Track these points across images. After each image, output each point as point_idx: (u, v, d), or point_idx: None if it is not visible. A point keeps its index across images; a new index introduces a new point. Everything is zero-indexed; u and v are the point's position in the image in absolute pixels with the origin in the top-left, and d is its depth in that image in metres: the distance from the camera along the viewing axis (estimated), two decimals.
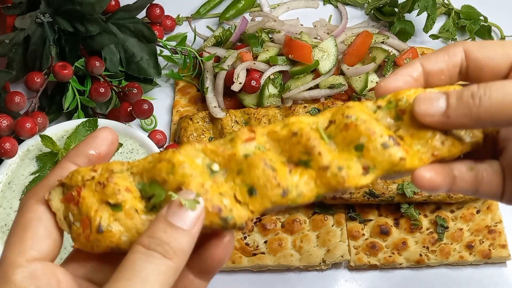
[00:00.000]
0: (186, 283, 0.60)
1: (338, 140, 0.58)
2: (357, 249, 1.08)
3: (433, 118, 0.57)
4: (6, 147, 1.04)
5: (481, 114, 0.55)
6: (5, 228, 1.03)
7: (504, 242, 1.06)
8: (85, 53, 1.17)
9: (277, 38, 1.23)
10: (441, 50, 0.63)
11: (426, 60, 0.61)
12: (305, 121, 0.58)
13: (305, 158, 0.57)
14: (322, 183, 0.57)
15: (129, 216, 0.56)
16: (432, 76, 0.61)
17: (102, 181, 0.56)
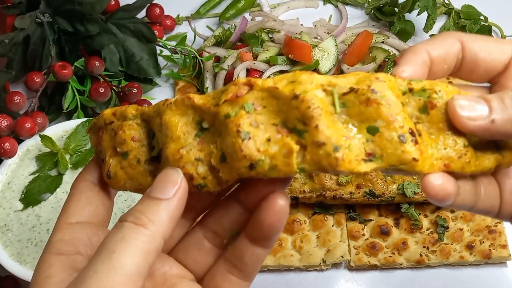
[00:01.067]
0: (242, 248, 0.58)
1: (352, 112, 0.51)
2: (357, 249, 1.07)
3: (476, 122, 0.52)
4: (5, 147, 1.04)
5: None
6: (4, 228, 1.03)
7: (505, 242, 1.06)
8: (85, 53, 1.17)
9: (277, 38, 1.23)
10: (438, 38, 0.59)
11: (430, 46, 0.58)
12: (318, 81, 0.51)
13: (300, 127, 0.50)
14: (311, 160, 0.50)
15: (132, 166, 0.57)
16: (436, 65, 0.58)
17: (114, 129, 0.57)
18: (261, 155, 0.50)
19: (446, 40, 0.59)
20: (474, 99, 0.53)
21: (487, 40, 0.59)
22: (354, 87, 0.51)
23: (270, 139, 0.51)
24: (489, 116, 0.52)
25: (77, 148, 1.09)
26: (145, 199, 0.52)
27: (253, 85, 0.51)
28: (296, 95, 0.50)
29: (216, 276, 0.60)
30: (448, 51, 0.58)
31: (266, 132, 0.51)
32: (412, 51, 0.58)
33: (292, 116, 0.50)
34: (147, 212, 0.51)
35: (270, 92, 0.51)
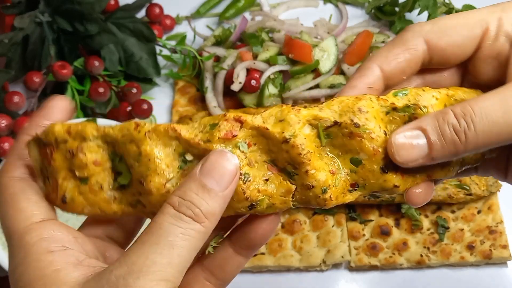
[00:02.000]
0: (225, 257, 0.57)
1: (336, 143, 0.53)
2: (357, 249, 1.07)
3: (417, 162, 0.51)
4: (5, 147, 1.04)
5: (469, 148, 0.50)
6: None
7: (505, 243, 1.06)
8: (84, 53, 1.17)
9: (277, 38, 1.23)
10: (397, 43, 0.56)
11: (385, 60, 0.55)
12: (305, 118, 0.52)
13: (290, 169, 0.52)
14: (301, 199, 0.52)
15: (93, 192, 0.53)
16: (392, 79, 0.56)
17: (72, 150, 0.53)
18: (261, 196, 0.52)
19: (406, 46, 0.56)
20: (411, 135, 0.51)
21: (455, 28, 0.56)
22: (338, 121, 0.52)
23: (267, 179, 0.52)
24: (428, 155, 0.51)
25: None
26: (199, 189, 0.49)
27: (243, 122, 0.51)
28: (286, 139, 0.51)
29: (192, 284, 0.58)
30: (408, 60, 0.56)
31: (260, 171, 0.52)
32: (360, 72, 0.56)
33: (282, 157, 0.52)
34: (203, 206, 0.49)
35: (260, 131, 0.51)
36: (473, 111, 0.50)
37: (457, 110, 0.50)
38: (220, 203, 0.50)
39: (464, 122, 0.50)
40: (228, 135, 0.51)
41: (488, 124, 0.49)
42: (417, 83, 0.60)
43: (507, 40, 0.55)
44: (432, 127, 0.51)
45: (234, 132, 0.51)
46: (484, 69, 0.57)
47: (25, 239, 0.52)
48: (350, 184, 0.53)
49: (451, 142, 0.50)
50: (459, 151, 0.51)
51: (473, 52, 0.57)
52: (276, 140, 0.51)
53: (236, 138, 0.51)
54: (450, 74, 0.60)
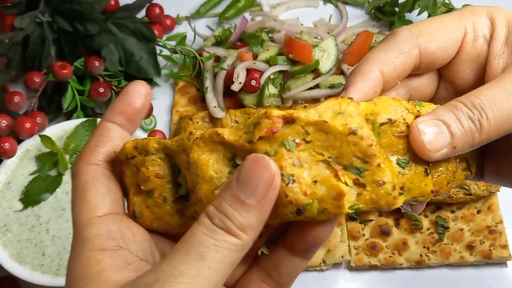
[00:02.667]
0: (280, 258, 0.55)
1: (384, 142, 0.49)
2: (357, 249, 1.07)
3: (441, 152, 0.51)
4: (5, 147, 1.04)
5: (483, 138, 0.51)
6: (4, 229, 1.03)
7: (505, 243, 1.06)
8: (85, 53, 1.17)
9: (277, 38, 1.23)
10: (391, 47, 0.56)
11: (383, 64, 0.55)
12: (363, 111, 0.48)
13: (358, 164, 0.47)
14: (370, 199, 0.48)
15: (158, 205, 0.53)
16: (390, 83, 0.56)
17: (137, 164, 0.53)
18: (308, 199, 0.47)
19: (403, 49, 0.56)
20: (433, 122, 0.51)
21: (439, 30, 0.57)
22: (392, 118, 0.49)
23: (316, 180, 0.47)
24: (451, 144, 0.51)
25: (77, 148, 1.09)
26: (233, 200, 0.47)
27: (295, 119, 0.47)
28: (353, 131, 0.47)
29: (248, 285, 0.56)
30: (404, 64, 0.56)
31: (311, 171, 0.47)
32: (361, 75, 0.55)
33: (348, 152, 0.47)
34: (236, 219, 0.47)
35: (318, 126, 0.47)
36: (481, 101, 0.51)
37: (465, 101, 0.51)
38: (257, 215, 0.47)
39: (476, 110, 0.51)
40: (269, 133, 0.47)
41: (497, 111, 0.51)
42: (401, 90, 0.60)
43: (485, 42, 0.57)
44: (450, 116, 0.51)
45: (275, 129, 0.47)
46: (463, 73, 0.58)
47: (84, 233, 0.51)
48: (400, 187, 0.49)
49: (469, 130, 0.51)
50: (476, 140, 0.51)
51: (454, 56, 0.58)
52: (339, 133, 0.47)
53: (281, 136, 0.47)
54: (429, 79, 0.60)
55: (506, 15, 0.57)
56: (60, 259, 1.01)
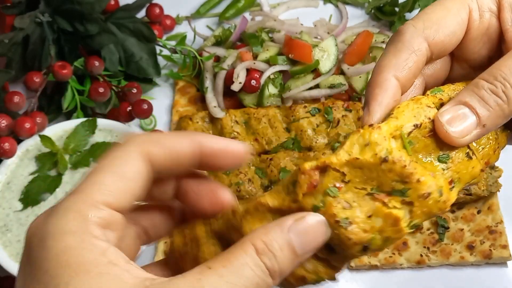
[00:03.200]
0: None
1: (419, 147, 0.51)
2: None
3: (471, 136, 0.51)
4: (5, 147, 1.04)
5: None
6: (4, 229, 1.03)
7: (505, 243, 1.06)
8: (84, 53, 1.17)
9: (277, 38, 1.23)
10: (400, 47, 0.55)
11: (397, 69, 0.55)
12: (387, 132, 0.49)
13: (399, 187, 0.49)
14: (422, 212, 0.49)
15: None
16: (407, 85, 0.56)
17: (195, 256, 0.53)
18: (370, 234, 0.49)
19: (412, 47, 0.55)
20: (453, 108, 0.51)
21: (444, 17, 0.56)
22: (417, 123, 0.50)
23: (371, 215, 0.49)
24: (479, 124, 0.51)
25: (77, 148, 1.09)
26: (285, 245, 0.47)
27: (328, 165, 0.48)
28: (384, 159, 0.48)
29: None
30: (417, 62, 0.55)
31: (362, 208, 0.49)
32: (379, 86, 0.54)
33: (386, 179, 0.49)
34: (282, 264, 0.47)
35: (352, 164, 0.49)
36: (503, 72, 0.51)
37: (487, 76, 0.51)
38: (293, 264, 0.48)
39: (499, 83, 0.51)
40: (311, 188, 0.48)
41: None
42: (417, 81, 0.59)
43: (492, 14, 0.57)
44: (471, 97, 0.51)
45: (314, 182, 0.48)
46: (475, 49, 0.58)
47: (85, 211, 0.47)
48: (449, 181, 0.51)
49: (495, 105, 0.51)
50: (505, 112, 0.51)
51: (463, 36, 0.57)
52: (372, 165, 0.49)
53: (321, 187, 0.48)
54: (441, 63, 0.60)
55: None
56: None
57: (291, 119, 1.12)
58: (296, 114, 1.12)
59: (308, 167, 0.49)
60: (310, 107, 1.12)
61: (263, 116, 1.13)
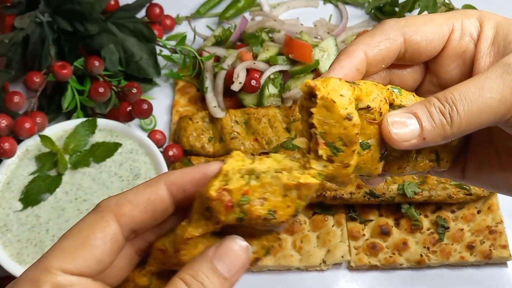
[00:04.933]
0: None
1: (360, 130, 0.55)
2: (357, 249, 1.07)
3: (410, 143, 0.55)
4: (5, 147, 1.04)
5: (454, 131, 0.54)
6: (4, 229, 1.03)
7: (505, 243, 1.06)
8: (84, 53, 1.17)
9: (277, 38, 1.23)
10: (377, 32, 0.59)
11: (369, 47, 0.58)
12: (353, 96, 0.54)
13: (339, 145, 0.53)
14: (331, 175, 0.54)
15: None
16: (374, 66, 0.59)
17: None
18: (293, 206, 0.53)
19: (388, 34, 0.59)
20: (404, 115, 0.55)
21: (426, 23, 0.60)
22: (370, 106, 0.54)
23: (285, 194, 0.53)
24: (420, 135, 0.55)
25: (77, 148, 1.09)
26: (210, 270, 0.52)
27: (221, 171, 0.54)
28: (349, 117, 0.52)
29: None
30: (388, 50, 0.59)
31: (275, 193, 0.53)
32: (347, 54, 0.58)
33: (336, 133, 0.53)
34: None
35: (326, 103, 0.52)
36: (454, 96, 0.54)
37: (440, 96, 0.55)
38: (227, 286, 0.52)
39: (448, 105, 0.54)
40: (229, 209, 0.52)
41: (467, 106, 0.54)
42: (383, 76, 0.63)
43: (471, 40, 0.60)
44: (422, 110, 0.55)
45: (229, 203, 0.52)
46: (448, 67, 0.62)
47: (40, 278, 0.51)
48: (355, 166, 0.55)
49: (439, 123, 0.54)
50: (447, 133, 0.55)
51: (440, 50, 0.61)
52: (339, 116, 0.52)
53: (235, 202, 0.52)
54: (412, 71, 0.64)
55: (495, 18, 0.62)
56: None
57: (291, 119, 1.12)
58: (296, 114, 1.12)
59: (215, 192, 0.52)
60: None
61: (263, 116, 1.13)
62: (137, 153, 1.11)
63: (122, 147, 1.11)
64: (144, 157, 1.10)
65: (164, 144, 1.17)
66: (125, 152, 1.11)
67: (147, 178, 1.08)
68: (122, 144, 1.11)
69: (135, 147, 1.11)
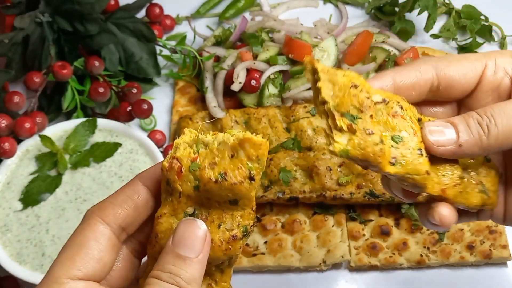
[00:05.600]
0: None
1: (379, 121, 0.57)
2: (357, 249, 1.07)
3: (445, 148, 0.58)
4: (5, 147, 1.04)
5: (491, 142, 0.57)
6: (4, 229, 1.03)
7: (505, 243, 1.06)
8: (84, 53, 1.17)
9: (277, 38, 1.23)
10: (411, 65, 0.64)
11: (398, 74, 0.62)
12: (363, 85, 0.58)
13: (354, 112, 0.56)
14: (358, 144, 0.55)
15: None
16: (402, 92, 0.62)
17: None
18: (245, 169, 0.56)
19: (419, 67, 0.63)
20: (442, 124, 0.59)
21: (460, 61, 0.63)
22: (385, 99, 0.57)
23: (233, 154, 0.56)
24: (456, 142, 0.58)
25: (77, 148, 1.09)
26: (174, 258, 0.54)
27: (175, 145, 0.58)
28: (355, 84, 0.56)
29: None
30: (419, 78, 0.62)
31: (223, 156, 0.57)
32: (376, 76, 0.63)
33: (348, 101, 0.56)
34: (183, 274, 0.54)
35: (330, 75, 0.56)
36: (493, 110, 0.58)
37: (479, 110, 0.59)
38: (198, 268, 0.55)
39: (486, 117, 0.58)
40: (180, 175, 0.56)
41: (506, 119, 0.57)
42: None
43: (506, 75, 0.63)
44: (459, 120, 0.59)
45: (179, 169, 0.56)
46: (484, 101, 0.64)
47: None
48: (392, 156, 0.56)
49: (476, 133, 0.58)
50: (483, 143, 0.57)
51: (474, 87, 0.64)
52: (343, 85, 0.56)
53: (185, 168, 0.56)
54: (445, 110, 0.67)
55: None
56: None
57: (291, 119, 1.12)
58: (296, 114, 1.12)
59: (166, 162, 0.57)
60: (310, 107, 1.12)
61: (263, 116, 1.13)
62: (137, 153, 1.11)
63: (122, 147, 1.11)
64: (144, 157, 1.10)
65: (164, 144, 1.18)
66: (125, 152, 1.11)
67: None
68: (122, 144, 1.11)
69: (135, 147, 1.11)
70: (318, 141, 1.10)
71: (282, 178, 1.06)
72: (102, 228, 0.58)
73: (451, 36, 1.30)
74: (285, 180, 1.06)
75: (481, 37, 1.31)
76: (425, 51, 1.25)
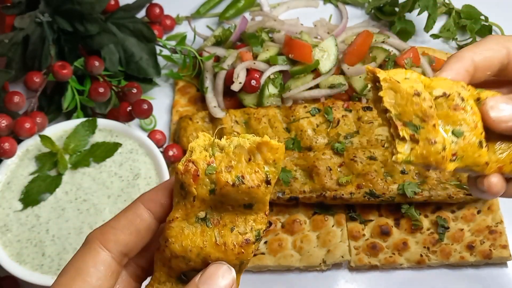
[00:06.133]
0: None
1: (440, 114, 0.57)
2: (357, 249, 1.07)
3: (508, 124, 0.57)
4: (5, 147, 1.04)
5: None
6: (4, 229, 1.03)
7: (505, 243, 1.06)
8: (85, 53, 1.17)
9: (277, 38, 1.23)
10: (482, 44, 0.63)
11: (475, 54, 0.62)
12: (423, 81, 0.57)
13: (417, 122, 0.56)
14: (421, 154, 0.56)
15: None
16: (479, 72, 0.62)
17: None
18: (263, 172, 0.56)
19: (492, 47, 0.62)
20: (504, 99, 0.58)
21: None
22: (446, 92, 0.57)
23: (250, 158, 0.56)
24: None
25: (77, 148, 1.09)
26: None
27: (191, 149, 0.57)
28: (418, 92, 0.55)
29: None
30: (492, 58, 0.62)
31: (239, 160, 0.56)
32: (456, 58, 0.62)
33: (410, 110, 0.56)
34: None
35: (392, 85, 0.56)
36: None
37: None
38: None
39: None
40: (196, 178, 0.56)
41: None
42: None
43: None
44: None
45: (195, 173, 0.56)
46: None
47: None
48: (452, 154, 0.57)
49: None
50: None
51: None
52: (406, 93, 0.56)
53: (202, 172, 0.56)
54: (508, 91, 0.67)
55: None
56: (60, 259, 1.00)
57: (291, 119, 1.12)
58: (296, 114, 1.12)
59: (181, 165, 0.56)
60: (310, 107, 1.12)
61: (263, 116, 1.13)
62: (137, 153, 1.11)
63: (122, 147, 1.11)
64: (144, 157, 1.10)
65: (164, 144, 1.17)
66: (125, 152, 1.11)
67: (147, 178, 1.08)
68: (122, 144, 1.11)
69: (135, 147, 1.11)
70: (318, 141, 1.10)
71: (282, 178, 1.06)
72: (103, 255, 0.57)
73: (451, 36, 1.30)
74: (285, 180, 1.06)
75: (481, 37, 1.31)
76: (425, 51, 1.25)
